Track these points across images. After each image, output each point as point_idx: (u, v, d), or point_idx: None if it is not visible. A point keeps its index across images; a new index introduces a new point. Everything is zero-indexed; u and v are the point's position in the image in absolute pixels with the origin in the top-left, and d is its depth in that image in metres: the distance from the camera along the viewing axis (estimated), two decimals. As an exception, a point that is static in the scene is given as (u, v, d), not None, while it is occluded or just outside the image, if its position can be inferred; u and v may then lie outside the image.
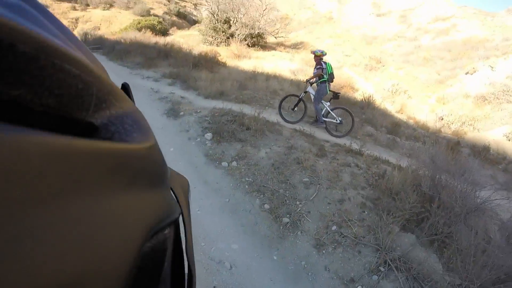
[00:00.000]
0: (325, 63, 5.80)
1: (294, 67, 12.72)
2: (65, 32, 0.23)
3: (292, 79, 10.44)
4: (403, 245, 3.26)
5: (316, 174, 4.23)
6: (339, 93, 6.06)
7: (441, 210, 3.54)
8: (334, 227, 3.44)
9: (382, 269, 3.01)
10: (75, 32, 21.35)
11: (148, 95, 7.10)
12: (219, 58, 11.99)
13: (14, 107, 0.16)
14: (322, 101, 5.85)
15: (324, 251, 3.21)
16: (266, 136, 5.15)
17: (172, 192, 0.36)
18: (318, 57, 5.84)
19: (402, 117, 11.70)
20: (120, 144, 0.22)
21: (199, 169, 4.33)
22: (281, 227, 3.45)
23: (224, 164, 4.39)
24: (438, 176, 4.02)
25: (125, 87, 0.34)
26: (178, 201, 0.36)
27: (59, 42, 0.18)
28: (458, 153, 5.60)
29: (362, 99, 9.83)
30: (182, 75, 8.59)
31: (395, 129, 8.38)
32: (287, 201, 3.79)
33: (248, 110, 5.83)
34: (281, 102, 6.12)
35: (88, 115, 0.20)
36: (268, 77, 9.74)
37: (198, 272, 2.88)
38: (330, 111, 5.84)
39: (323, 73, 5.73)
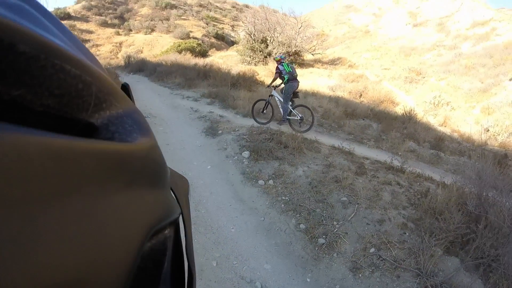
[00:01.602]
0: (282, 65, 6.04)
1: (332, 83, 12.65)
2: (65, 32, 0.23)
3: (330, 96, 10.36)
4: (446, 269, 3.06)
5: (355, 193, 4.11)
6: (299, 91, 6.38)
7: (488, 230, 3.29)
8: (372, 250, 3.30)
9: None
10: (119, 55, 22.77)
11: (188, 114, 7.32)
12: (257, 77, 12.15)
13: (14, 107, 0.16)
14: (287, 101, 6.10)
15: (360, 275, 3.07)
16: (304, 154, 5.11)
17: (172, 192, 0.36)
18: (278, 61, 6.18)
19: (445, 130, 11.12)
20: (120, 144, 0.22)
21: (235, 187, 4.36)
22: (316, 248, 3.36)
23: (261, 182, 4.38)
24: (485, 193, 3.75)
25: (125, 87, 0.34)
26: (178, 201, 0.36)
27: (59, 42, 0.18)
28: (506, 167, 5.20)
29: (403, 113, 9.54)
30: (221, 95, 8.79)
31: (438, 144, 7.97)
32: (324, 221, 3.69)
33: (285, 128, 5.83)
34: (252, 106, 6.54)
35: (88, 115, 0.20)
36: (306, 94, 9.75)
37: (227, 290, 2.85)
38: (291, 110, 6.15)
39: (282, 75, 6.02)
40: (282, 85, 6.32)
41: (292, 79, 6.03)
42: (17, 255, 0.12)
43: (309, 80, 12.89)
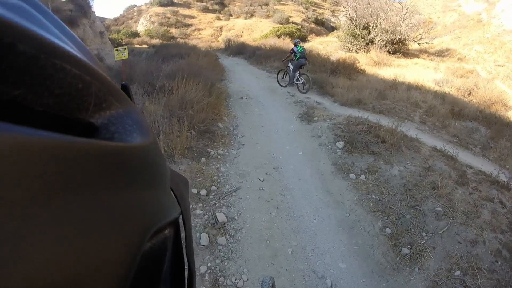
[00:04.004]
0: (296, 47, 8.05)
1: (439, 77, 11.43)
2: (65, 32, 0.23)
3: (436, 91, 9.40)
4: None
5: (452, 205, 3.75)
6: (305, 65, 8.32)
7: None
8: (457, 272, 3.01)
9: None
10: (220, 39, 23.81)
11: (284, 98, 7.39)
12: (358, 65, 11.63)
13: (14, 106, 0.16)
14: (296, 70, 7.98)
15: None
16: (402, 153, 4.79)
17: (172, 192, 0.36)
18: (294, 44, 8.24)
19: None
20: (120, 144, 0.22)
21: (324, 177, 4.30)
22: (398, 258, 3.17)
23: (352, 176, 4.25)
24: None
25: (125, 87, 0.33)
26: (178, 201, 0.36)
27: (59, 42, 0.18)
28: None
29: None
30: (319, 81, 8.66)
31: None
32: (412, 230, 3.45)
33: (385, 121, 5.52)
34: (277, 74, 8.71)
35: (88, 115, 0.20)
36: (409, 87, 9.07)
37: (297, 281, 2.86)
38: (298, 77, 7.97)
39: (295, 53, 8.03)
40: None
41: (301, 57, 7.96)
42: (15, 255, 0.12)
43: (413, 72, 11.84)
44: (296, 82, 8.04)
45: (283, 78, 8.55)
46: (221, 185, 3.87)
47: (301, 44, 8.34)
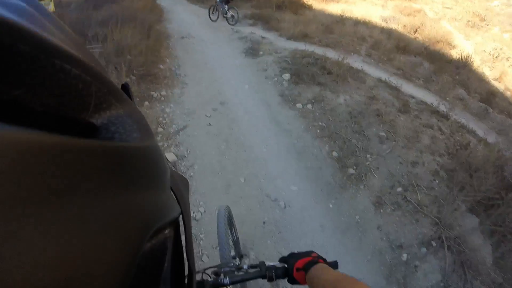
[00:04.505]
0: None
1: (386, 14, 11.53)
2: (65, 32, 0.23)
3: (383, 27, 9.50)
4: (464, 225, 2.98)
5: (394, 130, 3.93)
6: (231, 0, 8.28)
7: None
8: (399, 189, 3.22)
9: (434, 244, 2.80)
10: None
11: (228, 35, 7.06)
12: (305, 0, 11.32)
13: (14, 106, 0.15)
14: (224, 5, 8.02)
15: (381, 211, 3.04)
16: (348, 83, 4.83)
17: (172, 192, 0.36)
18: None
19: (499, 86, 10.06)
20: (120, 144, 0.22)
21: (272, 108, 4.25)
22: (345, 177, 3.31)
23: (299, 105, 4.24)
24: None
25: (125, 87, 0.33)
26: (178, 201, 0.36)
27: (59, 42, 0.17)
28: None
29: (458, 58, 8.69)
30: (265, 16, 8.32)
31: (489, 98, 7.27)
32: (357, 153, 3.58)
33: (332, 54, 5.49)
34: (209, 9, 8.54)
35: (88, 115, 0.20)
36: (356, 23, 9.00)
37: (252, 206, 2.91)
38: (226, 10, 8.05)
39: None
40: None
41: None
42: (15, 254, 0.12)
43: (361, 9, 11.80)
44: (225, 16, 8.25)
45: (212, 13, 8.67)
46: (167, 125, 3.71)
47: None
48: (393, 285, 2.59)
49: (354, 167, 3.39)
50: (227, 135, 3.67)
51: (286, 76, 4.78)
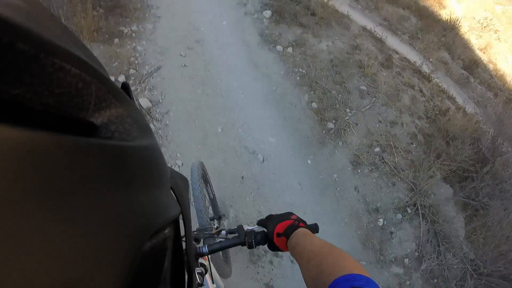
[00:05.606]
0: None
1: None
2: (65, 31, 0.22)
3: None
4: (438, 195, 3.06)
5: (376, 85, 3.84)
6: None
7: (490, 177, 3.22)
8: (377, 149, 3.22)
9: (409, 210, 2.88)
10: None
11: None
12: None
13: (14, 106, 0.15)
14: None
15: (359, 171, 3.05)
16: (331, 28, 4.57)
17: (172, 192, 0.36)
18: None
19: (483, 56, 10.11)
20: (120, 144, 0.22)
21: (251, 48, 3.96)
22: (324, 132, 3.25)
23: (279, 48, 3.99)
24: (501, 140, 3.58)
25: (125, 86, 0.31)
26: (178, 200, 0.37)
27: (59, 41, 0.17)
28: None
29: (447, 20, 8.53)
30: None
31: (471, 67, 7.29)
32: (337, 106, 3.50)
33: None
34: None
35: (88, 114, 0.20)
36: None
37: (230, 159, 2.84)
38: None
39: None
40: None
41: None
42: (14, 254, 0.12)
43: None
44: None
45: None
46: (140, 66, 3.36)
47: None
48: (369, 250, 2.66)
49: (334, 121, 3.32)
50: (203, 77, 3.43)
51: (267, 13, 4.42)
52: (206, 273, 1.01)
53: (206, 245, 0.89)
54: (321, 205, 2.81)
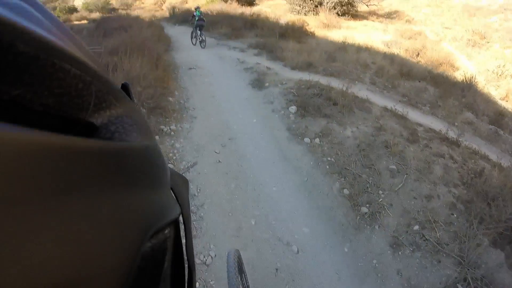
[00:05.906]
0: (196, 11, 9.33)
1: (387, 38, 11.68)
2: (64, 31, 0.23)
3: (385, 52, 9.59)
4: (490, 262, 2.84)
5: (405, 162, 3.88)
6: (202, 24, 9.23)
7: None
8: (416, 227, 3.12)
9: (460, 286, 2.66)
10: (164, 7, 22.39)
11: (234, 66, 7.15)
12: (307, 27, 11.53)
13: (13, 106, 0.15)
14: (197, 30, 9.19)
15: (400, 253, 2.94)
16: (354, 114, 4.84)
17: (172, 192, 0.36)
18: (194, 9, 9.56)
19: (507, 105, 9.92)
20: (120, 144, 0.22)
21: (280, 143, 4.24)
22: (358, 217, 3.24)
23: (307, 140, 4.24)
24: None
25: (126, 87, 0.32)
26: (178, 200, 0.36)
27: (59, 42, 0.18)
28: None
29: (463, 80, 8.60)
30: (269, 46, 8.46)
31: (498, 119, 7.15)
32: (369, 189, 3.52)
33: (336, 83, 5.57)
34: (191, 35, 9.74)
35: (88, 114, 0.20)
36: (359, 49, 9.11)
37: (263, 250, 2.84)
38: (198, 35, 9.21)
39: (195, 18, 9.18)
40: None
41: (199, 19, 9.09)
42: (14, 255, 0.12)
43: (362, 34, 11.95)
44: (199, 40, 9.39)
45: (192, 38, 9.78)
46: (178, 162, 3.71)
47: (200, 9, 9.81)
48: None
49: (367, 205, 3.33)
50: (236, 172, 3.66)
51: (293, 108, 4.81)
52: None
53: None
54: (362, 294, 2.67)
